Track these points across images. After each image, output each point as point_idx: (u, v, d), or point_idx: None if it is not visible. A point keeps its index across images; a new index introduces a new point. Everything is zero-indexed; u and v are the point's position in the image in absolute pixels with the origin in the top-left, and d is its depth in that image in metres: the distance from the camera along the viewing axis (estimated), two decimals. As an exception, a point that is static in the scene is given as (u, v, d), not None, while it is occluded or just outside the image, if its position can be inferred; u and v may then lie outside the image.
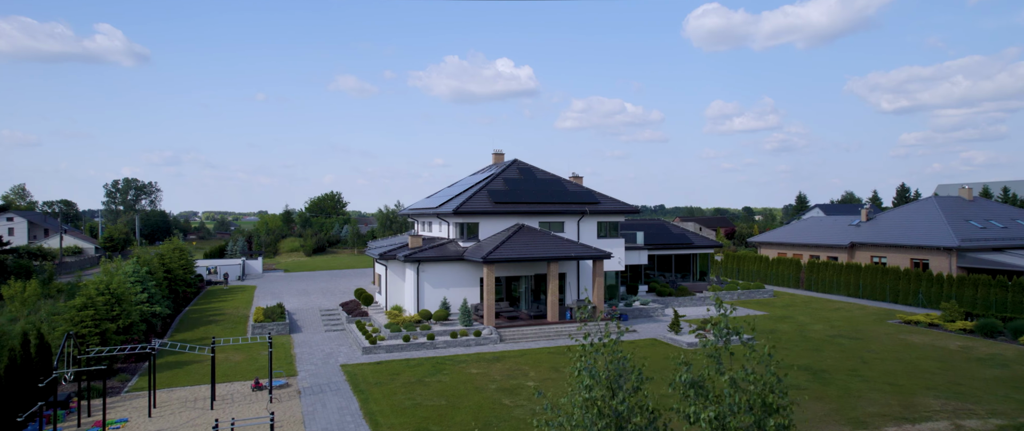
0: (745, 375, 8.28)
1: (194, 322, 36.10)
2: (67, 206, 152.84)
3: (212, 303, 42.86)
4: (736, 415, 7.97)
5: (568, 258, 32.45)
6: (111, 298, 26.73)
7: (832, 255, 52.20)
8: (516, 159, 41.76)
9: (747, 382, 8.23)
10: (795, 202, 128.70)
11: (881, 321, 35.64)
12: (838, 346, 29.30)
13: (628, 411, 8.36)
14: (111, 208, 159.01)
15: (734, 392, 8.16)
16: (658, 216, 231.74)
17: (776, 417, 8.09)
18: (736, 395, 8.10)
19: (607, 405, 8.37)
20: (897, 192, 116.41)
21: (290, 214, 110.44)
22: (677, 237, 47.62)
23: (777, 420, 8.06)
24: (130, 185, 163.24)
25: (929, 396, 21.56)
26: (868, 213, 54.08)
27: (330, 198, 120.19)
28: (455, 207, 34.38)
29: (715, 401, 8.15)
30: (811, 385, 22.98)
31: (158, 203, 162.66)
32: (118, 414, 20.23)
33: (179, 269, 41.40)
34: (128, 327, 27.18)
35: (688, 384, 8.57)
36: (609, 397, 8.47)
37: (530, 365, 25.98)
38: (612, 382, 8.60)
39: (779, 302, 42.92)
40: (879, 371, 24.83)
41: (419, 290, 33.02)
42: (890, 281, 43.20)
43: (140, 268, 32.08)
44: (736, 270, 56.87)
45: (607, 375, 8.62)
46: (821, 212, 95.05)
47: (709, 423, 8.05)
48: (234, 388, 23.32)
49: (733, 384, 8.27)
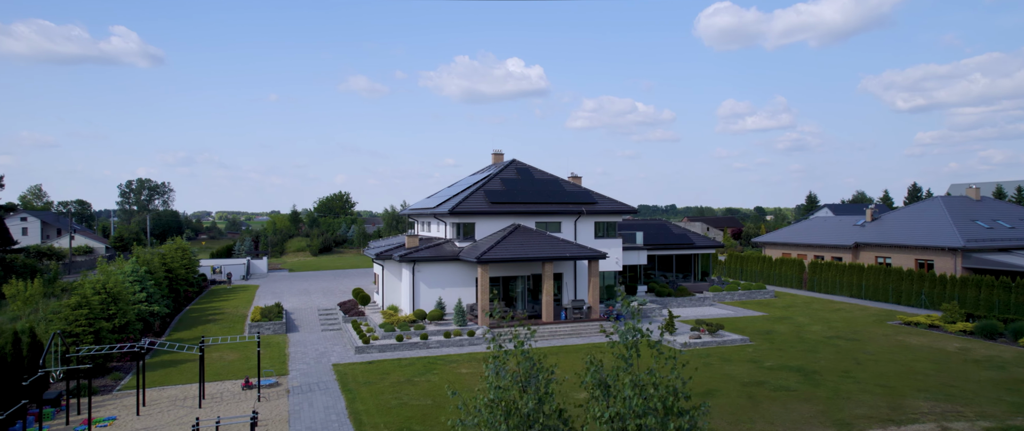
0: (649, 377, 8.26)
1: (193, 321, 36.47)
2: (82, 206, 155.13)
3: (213, 302, 43.28)
4: (635, 417, 7.92)
5: (563, 258, 32.43)
6: (107, 297, 27.09)
7: (836, 255, 51.73)
8: (514, 159, 41.79)
9: (649, 384, 8.19)
10: (805, 202, 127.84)
11: (881, 322, 35.28)
12: (834, 347, 29.04)
13: (533, 411, 8.38)
14: (125, 208, 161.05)
15: (634, 394, 8.14)
16: (669, 216, 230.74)
17: (677, 420, 8.05)
18: (635, 397, 8.08)
19: (513, 405, 8.40)
20: (909, 192, 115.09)
21: (297, 214, 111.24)
22: (678, 237, 47.41)
23: (677, 423, 8.03)
24: (143, 185, 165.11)
25: (919, 398, 21.32)
26: (873, 213, 53.54)
27: (338, 198, 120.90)
28: (451, 207, 34.47)
29: (622, 402, 8.13)
30: (801, 386, 22.81)
31: (171, 203, 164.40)
32: (107, 412, 20.50)
33: (181, 269, 41.84)
34: (124, 326, 27.52)
35: (597, 384, 8.60)
36: (518, 397, 8.51)
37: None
38: (523, 383, 8.67)
39: (779, 303, 42.61)
40: (872, 372, 24.59)
41: (414, 290, 33.14)
42: (892, 282, 42.74)
43: (139, 267, 32.46)
44: (739, 270, 56.51)
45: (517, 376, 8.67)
46: (830, 212, 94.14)
47: (608, 424, 8.05)
48: (225, 387, 23.54)
49: (633, 386, 8.25)
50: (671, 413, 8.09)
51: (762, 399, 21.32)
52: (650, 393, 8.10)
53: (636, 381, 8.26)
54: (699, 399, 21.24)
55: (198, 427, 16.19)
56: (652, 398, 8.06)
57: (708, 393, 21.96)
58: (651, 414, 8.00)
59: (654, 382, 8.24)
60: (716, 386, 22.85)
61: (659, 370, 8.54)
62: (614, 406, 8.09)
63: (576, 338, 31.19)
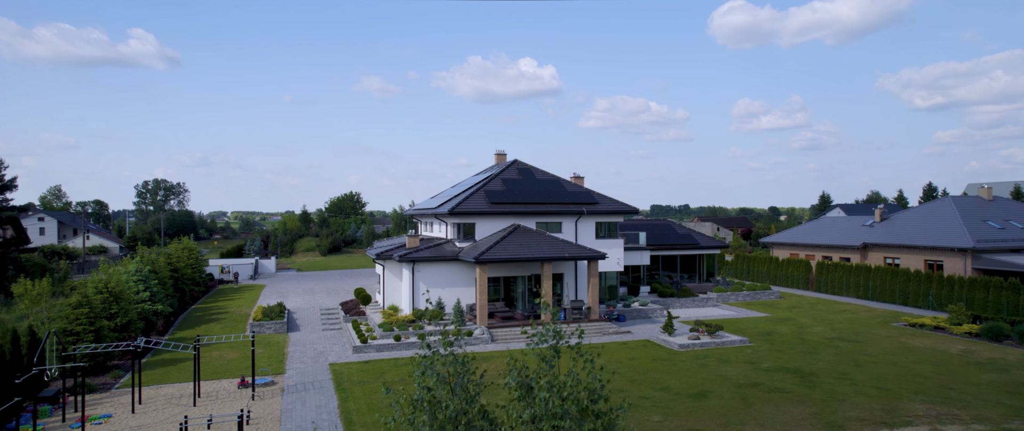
0: (566, 380, 8.29)
1: (197, 320, 36.89)
2: (99, 206, 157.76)
3: (218, 302, 43.75)
4: (552, 418, 7.96)
5: (561, 259, 32.38)
6: (109, 297, 27.50)
7: (844, 256, 51.13)
8: (516, 159, 41.79)
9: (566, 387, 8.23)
10: (818, 201, 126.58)
11: (885, 324, 34.83)
12: (834, 349, 28.73)
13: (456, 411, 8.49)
14: (142, 208, 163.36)
15: (550, 395, 8.15)
16: (681, 217, 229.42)
17: (592, 421, 8.03)
18: (551, 399, 8.08)
19: (438, 404, 8.48)
20: (924, 191, 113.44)
21: (308, 214, 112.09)
22: (682, 237, 47.15)
23: (592, 424, 8.01)
24: (159, 185, 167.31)
25: (916, 401, 21.03)
26: (882, 213, 52.86)
27: (349, 198, 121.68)
28: (451, 208, 34.56)
29: (540, 403, 8.17)
30: (797, 388, 22.59)
31: (186, 203, 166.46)
32: (104, 410, 20.80)
33: (187, 268, 42.33)
34: (126, 325, 27.91)
35: (518, 385, 8.66)
36: (446, 397, 8.61)
37: (516, 365, 25.98)
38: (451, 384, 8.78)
39: (784, 304, 42.22)
40: (871, 375, 24.29)
41: (414, 290, 33.26)
42: (900, 283, 42.18)
43: (143, 267, 32.89)
44: (746, 271, 56.06)
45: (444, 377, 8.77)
46: (842, 212, 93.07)
47: (526, 425, 8.07)
48: (221, 385, 23.80)
49: (549, 388, 8.26)
50: (586, 414, 8.07)
51: (755, 401, 21.15)
52: (565, 395, 8.10)
53: (552, 383, 8.27)
54: (681, 400, 21.15)
55: (186, 426, 16.39)
56: (568, 400, 8.05)
57: (701, 394, 21.83)
58: (567, 416, 8.00)
59: (571, 384, 8.27)
60: (710, 387, 22.70)
61: (578, 372, 8.60)
62: (532, 407, 8.11)
63: (574, 339, 31.06)
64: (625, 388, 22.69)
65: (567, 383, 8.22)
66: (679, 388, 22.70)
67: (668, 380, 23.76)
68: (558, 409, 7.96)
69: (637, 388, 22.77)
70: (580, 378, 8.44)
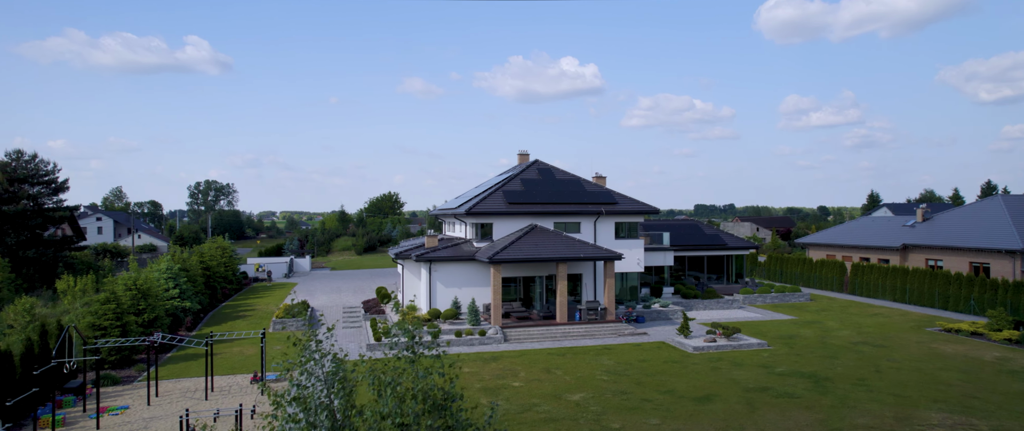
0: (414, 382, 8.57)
1: (224, 317, 38.18)
2: (154, 207, 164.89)
3: (248, 299, 45.16)
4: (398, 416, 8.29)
5: (575, 259, 32.20)
6: (137, 293, 28.74)
7: (883, 257, 49.16)
8: (537, 160, 41.75)
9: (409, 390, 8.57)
10: (866, 201, 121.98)
11: (918, 328, 33.36)
12: (857, 353, 27.69)
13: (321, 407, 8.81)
14: (194, 208, 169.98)
15: (392, 398, 8.47)
16: (725, 216, 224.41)
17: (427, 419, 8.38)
18: (392, 401, 8.40)
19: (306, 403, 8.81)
20: (982, 190, 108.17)
21: (346, 214, 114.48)
22: (710, 238, 46.22)
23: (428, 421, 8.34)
24: (210, 186, 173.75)
25: (933, 409, 20.10)
26: (924, 213, 50.63)
27: (387, 198, 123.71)
28: (468, 208, 34.79)
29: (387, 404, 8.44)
30: (807, 394, 21.88)
31: (235, 203, 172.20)
32: (123, 401, 21.78)
33: (219, 266, 43.82)
34: (152, 321, 29.10)
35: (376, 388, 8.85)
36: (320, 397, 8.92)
37: (523, 366, 25.99)
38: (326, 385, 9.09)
39: (814, 306, 40.89)
40: (890, 381, 23.33)
41: (431, 289, 33.62)
42: (939, 286, 40.30)
43: (173, 265, 34.24)
44: (779, 272, 54.53)
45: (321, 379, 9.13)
46: (889, 212, 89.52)
47: (377, 424, 8.27)
48: (235, 380, 24.58)
49: (392, 390, 8.60)
50: (423, 415, 8.39)
51: (761, 405, 20.60)
52: (408, 397, 8.40)
53: (394, 384, 8.63)
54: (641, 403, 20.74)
55: (187, 418, 17.04)
56: (407, 400, 8.36)
57: (706, 398, 21.39)
58: (412, 415, 8.32)
59: (414, 387, 8.63)
60: (716, 391, 22.21)
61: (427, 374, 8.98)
62: (379, 407, 8.41)
63: (588, 339, 30.91)
64: (629, 390, 22.43)
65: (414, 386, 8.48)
66: (684, 391, 22.29)
67: (675, 382, 23.36)
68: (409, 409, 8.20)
69: (641, 390, 22.47)
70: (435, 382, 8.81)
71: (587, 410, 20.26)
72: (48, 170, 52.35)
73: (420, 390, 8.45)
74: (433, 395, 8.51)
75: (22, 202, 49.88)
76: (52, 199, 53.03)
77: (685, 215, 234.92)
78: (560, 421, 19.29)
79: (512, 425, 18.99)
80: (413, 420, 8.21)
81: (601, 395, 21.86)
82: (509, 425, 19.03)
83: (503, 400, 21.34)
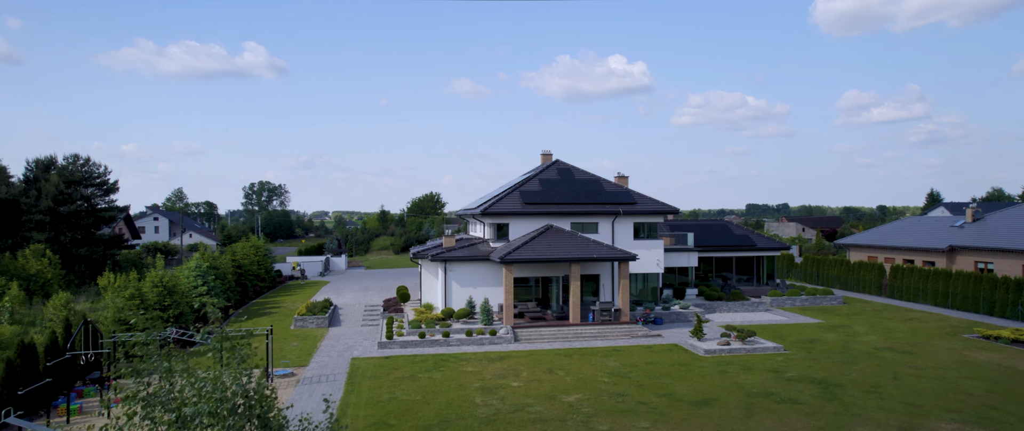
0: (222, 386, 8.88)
1: (252, 313, 39.55)
2: (209, 207, 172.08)
3: (278, 297, 46.62)
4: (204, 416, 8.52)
5: (588, 260, 31.93)
6: (164, 290, 30.10)
7: (928, 260, 46.76)
8: (557, 160, 41.60)
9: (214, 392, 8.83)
10: (926, 200, 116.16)
11: (954, 334, 31.64)
12: (878, 359, 26.49)
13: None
14: (248, 208, 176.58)
15: (200, 399, 8.70)
16: (777, 215, 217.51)
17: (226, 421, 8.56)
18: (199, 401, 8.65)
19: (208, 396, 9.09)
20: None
21: (386, 214, 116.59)
22: (738, 239, 45.03)
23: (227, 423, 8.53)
24: (264, 187, 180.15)
25: (944, 419, 19.07)
26: (974, 212, 47.92)
27: (429, 198, 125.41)
28: (483, 209, 34.98)
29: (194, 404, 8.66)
30: (812, 400, 21.10)
31: (287, 203, 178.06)
32: (137, 392, 22.88)
33: (252, 265, 45.38)
34: (177, 317, 30.43)
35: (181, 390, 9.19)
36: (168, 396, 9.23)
37: (527, 366, 25.96)
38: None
39: (845, 310, 39.28)
40: (906, 389, 22.25)
41: (446, 288, 33.96)
42: (985, 290, 38.06)
43: (202, 263, 35.71)
44: (816, 274, 52.61)
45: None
46: (946, 211, 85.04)
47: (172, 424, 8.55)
48: (247, 374, 25.45)
49: (200, 390, 8.84)
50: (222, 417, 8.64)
51: (759, 411, 19.99)
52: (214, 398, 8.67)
53: (201, 386, 8.94)
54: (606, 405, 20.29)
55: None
56: (204, 400, 8.64)
57: (704, 402, 20.90)
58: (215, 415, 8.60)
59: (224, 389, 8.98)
60: (717, 395, 21.67)
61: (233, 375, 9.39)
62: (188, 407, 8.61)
63: (600, 340, 30.62)
64: (628, 392, 22.13)
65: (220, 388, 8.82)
66: (684, 394, 21.84)
67: (676, 386, 22.91)
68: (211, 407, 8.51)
69: (640, 393, 22.13)
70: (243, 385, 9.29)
71: (578, 412, 20.10)
72: (100, 173, 55.44)
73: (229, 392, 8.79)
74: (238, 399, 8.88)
75: (76, 203, 53.01)
76: (104, 200, 56.14)
77: (736, 215, 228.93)
78: (548, 422, 19.20)
79: (501, 425, 19.03)
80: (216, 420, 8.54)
81: (597, 397, 21.65)
82: (498, 425, 19.07)
83: (498, 400, 21.38)
